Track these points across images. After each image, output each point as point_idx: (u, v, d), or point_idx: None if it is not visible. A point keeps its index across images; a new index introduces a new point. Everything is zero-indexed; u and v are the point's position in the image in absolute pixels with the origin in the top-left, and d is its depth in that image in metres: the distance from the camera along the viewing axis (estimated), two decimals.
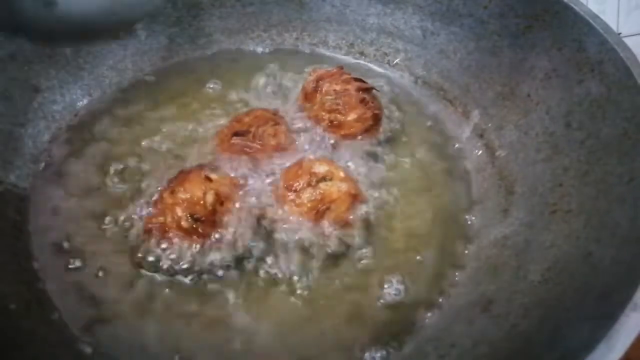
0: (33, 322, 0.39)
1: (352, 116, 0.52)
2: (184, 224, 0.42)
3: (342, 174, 0.46)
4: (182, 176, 0.44)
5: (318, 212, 0.44)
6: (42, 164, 0.50)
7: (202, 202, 0.42)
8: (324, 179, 0.46)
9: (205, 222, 0.42)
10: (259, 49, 0.65)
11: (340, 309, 0.42)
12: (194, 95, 0.58)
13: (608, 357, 0.26)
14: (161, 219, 0.43)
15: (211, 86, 0.59)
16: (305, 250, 0.44)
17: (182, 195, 0.43)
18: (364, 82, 0.54)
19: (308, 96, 0.54)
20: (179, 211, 0.42)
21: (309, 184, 0.45)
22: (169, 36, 0.62)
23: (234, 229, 0.43)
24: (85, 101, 0.56)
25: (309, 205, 0.45)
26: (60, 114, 0.54)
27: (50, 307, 0.41)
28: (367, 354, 0.40)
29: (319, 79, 0.54)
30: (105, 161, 0.51)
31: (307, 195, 0.45)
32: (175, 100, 0.58)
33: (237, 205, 0.45)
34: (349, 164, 0.51)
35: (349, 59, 0.64)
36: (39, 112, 0.53)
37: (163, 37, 0.62)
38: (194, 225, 0.42)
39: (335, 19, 0.64)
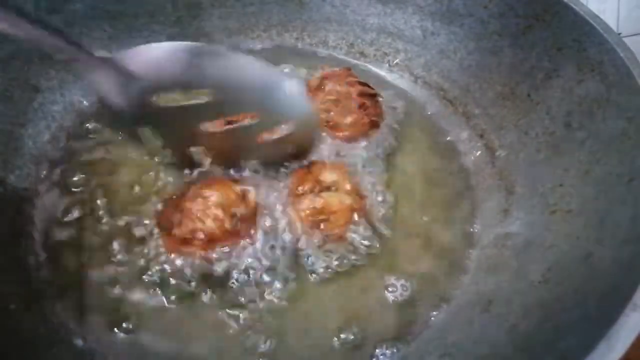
0: (33, 322, 0.39)
1: (348, 120, 0.51)
2: (227, 225, 0.41)
3: (348, 186, 0.45)
4: (207, 182, 0.44)
5: (315, 222, 0.44)
6: (42, 164, 0.50)
7: (240, 200, 0.42)
8: (328, 188, 0.45)
9: (246, 219, 0.42)
10: (259, 49, 0.65)
11: (340, 313, 0.42)
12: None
13: (608, 357, 0.26)
14: (199, 225, 0.41)
15: None
16: (302, 256, 0.44)
17: (216, 198, 0.42)
18: (369, 87, 0.54)
19: (311, 93, 0.54)
20: (220, 213, 0.41)
21: (312, 191, 0.44)
22: (169, 36, 0.62)
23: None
24: (85, 101, 0.56)
25: (307, 212, 0.44)
26: (60, 114, 0.54)
27: (50, 307, 0.41)
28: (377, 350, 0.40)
29: (324, 78, 0.54)
30: (106, 161, 0.51)
31: (307, 202, 0.44)
32: None
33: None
34: (348, 164, 0.51)
35: (349, 59, 0.64)
36: (39, 112, 0.53)
37: (163, 37, 0.62)
38: (237, 226, 0.42)
39: (335, 19, 0.64)
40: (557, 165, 0.44)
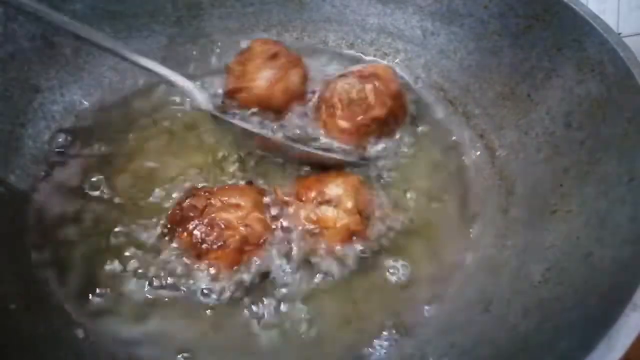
0: (33, 322, 0.39)
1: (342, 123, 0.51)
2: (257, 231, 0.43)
3: (349, 205, 0.43)
4: (230, 189, 0.45)
5: (308, 231, 0.43)
6: (42, 164, 0.50)
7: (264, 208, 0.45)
8: (328, 202, 0.44)
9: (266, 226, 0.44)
10: None
11: (343, 310, 0.42)
12: None
13: (608, 357, 0.26)
14: (234, 234, 0.41)
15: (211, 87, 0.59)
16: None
17: (245, 209, 0.43)
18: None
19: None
20: (251, 223, 0.42)
21: (312, 201, 0.44)
22: (169, 36, 0.62)
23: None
24: (85, 101, 0.56)
25: (304, 220, 0.44)
26: (60, 114, 0.54)
27: (50, 307, 0.41)
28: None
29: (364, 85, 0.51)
30: (106, 162, 0.51)
31: (305, 211, 0.44)
32: (175, 102, 0.58)
33: None
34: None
35: (349, 60, 0.64)
36: (39, 112, 0.53)
37: (163, 37, 0.62)
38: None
39: (335, 19, 0.64)
40: (557, 165, 0.44)
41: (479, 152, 0.53)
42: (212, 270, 0.41)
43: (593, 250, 0.36)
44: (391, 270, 0.44)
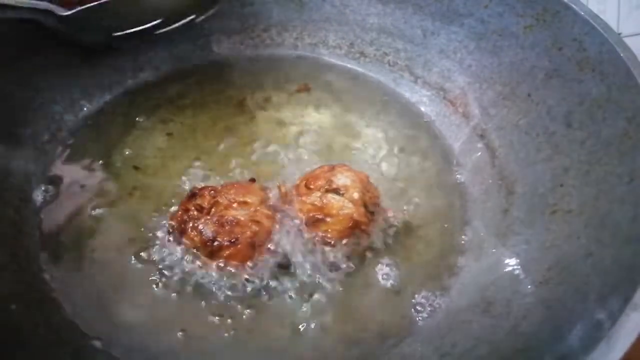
0: (33, 322, 0.39)
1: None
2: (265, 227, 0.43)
3: (355, 196, 0.44)
4: (235, 187, 0.45)
5: (311, 218, 0.44)
6: (42, 164, 0.50)
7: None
8: (336, 191, 0.44)
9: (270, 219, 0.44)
10: (260, 51, 0.65)
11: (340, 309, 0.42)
12: (193, 96, 0.58)
13: (608, 357, 0.26)
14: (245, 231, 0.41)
15: (211, 87, 0.59)
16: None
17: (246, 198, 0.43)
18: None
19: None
20: (260, 218, 0.43)
21: (320, 188, 0.45)
22: (169, 36, 0.62)
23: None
24: (85, 101, 0.56)
25: (309, 206, 0.44)
26: (60, 114, 0.54)
27: (50, 307, 0.41)
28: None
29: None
30: (106, 162, 0.51)
31: (312, 198, 0.44)
32: (175, 102, 0.58)
33: None
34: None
35: (349, 59, 0.64)
36: (39, 112, 0.53)
37: (163, 37, 0.62)
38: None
39: (335, 19, 0.64)
40: (557, 165, 0.44)
41: (479, 152, 0.53)
42: (227, 268, 0.42)
43: (593, 250, 0.36)
44: (391, 269, 0.44)
